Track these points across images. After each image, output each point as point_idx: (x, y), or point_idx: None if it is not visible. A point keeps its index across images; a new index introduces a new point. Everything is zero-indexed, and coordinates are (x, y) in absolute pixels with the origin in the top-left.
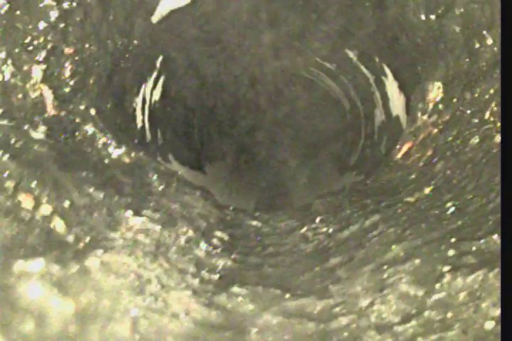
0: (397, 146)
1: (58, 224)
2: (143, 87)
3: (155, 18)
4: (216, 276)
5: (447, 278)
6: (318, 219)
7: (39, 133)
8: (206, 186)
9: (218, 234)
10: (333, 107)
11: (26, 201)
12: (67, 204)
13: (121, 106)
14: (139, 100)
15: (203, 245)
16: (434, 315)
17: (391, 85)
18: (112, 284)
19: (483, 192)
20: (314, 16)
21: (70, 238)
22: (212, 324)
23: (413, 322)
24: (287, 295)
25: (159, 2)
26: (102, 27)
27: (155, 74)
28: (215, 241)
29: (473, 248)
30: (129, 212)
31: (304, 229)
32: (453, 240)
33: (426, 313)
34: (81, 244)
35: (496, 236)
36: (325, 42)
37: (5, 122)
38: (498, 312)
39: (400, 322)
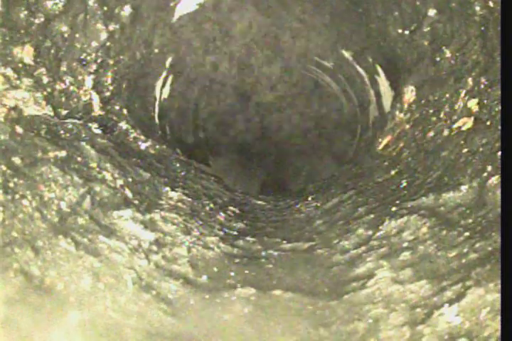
0: (379, 139)
1: (128, 192)
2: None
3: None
4: (234, 232)
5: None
6: (310, 198)
7: (97, 129)
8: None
9: (231, 208)
10: (332, 103)
11: (107, 176)
12: (130, 179)
13: (144, 105)
14: (151, 98)
15: (221, 214)
16: (376, 243)
17: (383, 84)
18: (170, 228)
19: (426, 172)
20: (315, 21)
21: (136, 201)
22: (234, 254)
23: (363, 248)
24: (284, 241)
25: (175, 11)
26: (132, 40)
27: (164, 73)
28: (229, 212)
29: (408, 205)
30: (167, 188)
31: (299, 205)
32: (397, 202)
33: (370, 243)
34: (143, 206)
35: (424, 198)
36: (323, 44)
37: (76, 121)
38: (411, 238)
39: (355, 248)
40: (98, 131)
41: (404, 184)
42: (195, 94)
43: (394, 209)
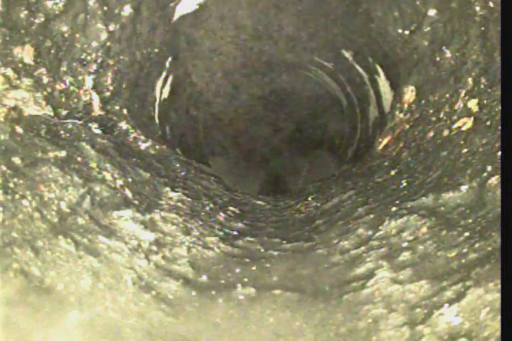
0: (379, 139)
1: (128, 193)
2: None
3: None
4: (234, 232)
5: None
6: (310, 198)
7: (97, 129)
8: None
9: (231, 208)
10: (332, 103)
11: (107, 176)
12: (130, 180)
13: (144, 106)
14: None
15: (221, 214)
16: (376, 243)
17: (383, 84)
18: (170, 228)
19: (426, 172)
20: (315, 22)
21: (136, 201)
22: (234, 254)
23: (362, 248)
24: (284, 242)
25: (175, 11)
26: (132, 40)
27: (164, 73)
28: (229, 213)
29: (408, 205)
30: (168, 189)
31: (299, 205)
32: (397, 202)
33: (370, 243)
34: (143, 206)
35: (424, 198)
36: (323, 44)
37: (76, 121)
38: (411, 238)
39: (354, 248)
40: (98, 131)
41: (404, 184)
42: (196, 94)
43: (394, 209)
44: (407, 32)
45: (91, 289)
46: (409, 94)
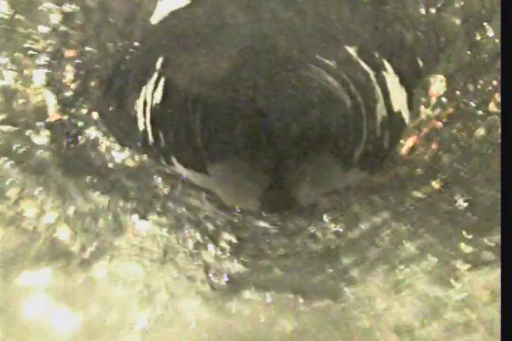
0: (401, 141)
1: (63, 233)
2: (144, 89)
3: (154, 20)
4: (223, 281)
5: (467, 276)
6: (325, 217)
7: (42, 139)
8: (211, 188)
9: (226, 236)
10: (335, 104)
11: (29, 209)
12: (71, 210)
13: (123, 109)
14: (140, 103)
15: (211, 248)
16: (457, 316)
17: (392, 80)
18: (119, 295)
19: (493, 185)
20: (312, 14)
21: (76, 247)
22: (224, 333)
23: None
24: (300, 299)
25: (158, 3)
26: (102, 29)
27: (155, 76)
28: (223, 244)
29: (491, 243)
30: (135, 217)
31: (313, 228)
32: (469, 236)
33: (448, 315)
34: (87, 253)
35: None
36: (324, 40)
37: (7, 128)
38: None
39: (420, 325)
40: (42, 142)
41: (465, 204)
42: (190, 98)
43: (469, 249)
44: (432, 10)
45: None
46: (438, 84)
